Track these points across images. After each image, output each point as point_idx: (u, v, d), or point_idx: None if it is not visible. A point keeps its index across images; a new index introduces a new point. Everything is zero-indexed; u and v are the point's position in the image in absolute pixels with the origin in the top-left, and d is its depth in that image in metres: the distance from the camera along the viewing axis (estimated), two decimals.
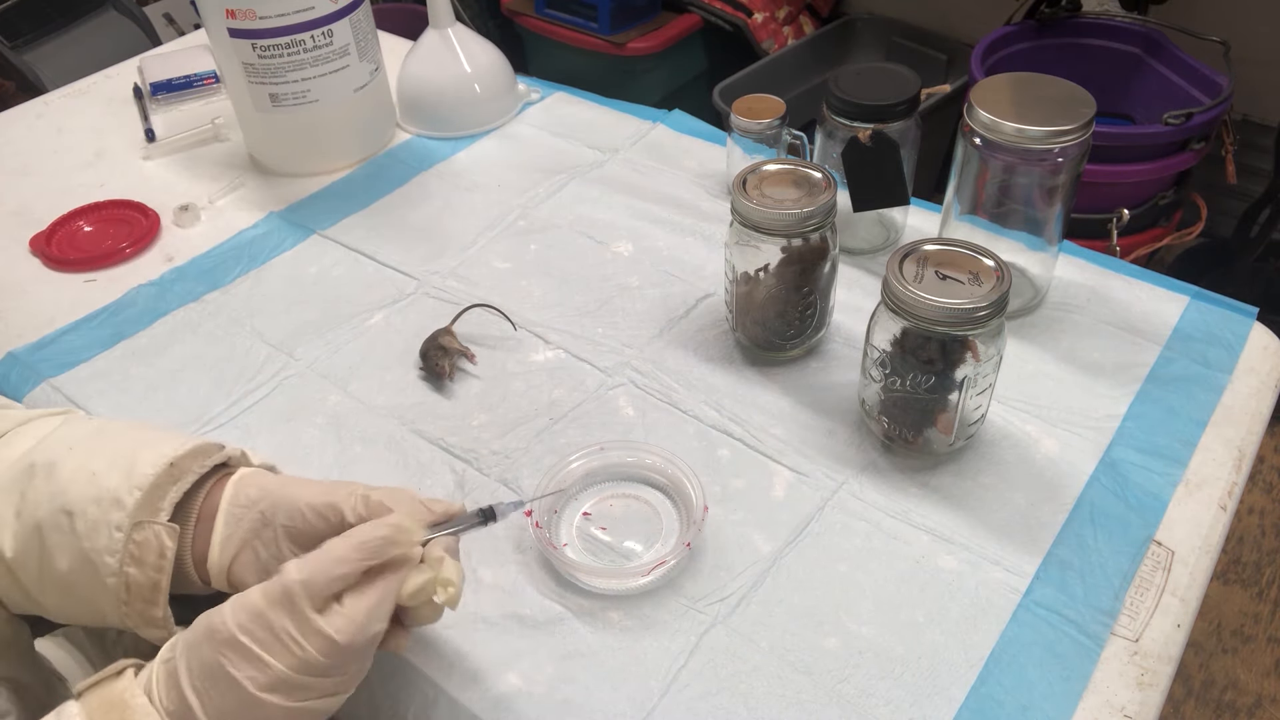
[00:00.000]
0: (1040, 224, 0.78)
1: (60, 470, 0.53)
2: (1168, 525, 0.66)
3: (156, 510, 0.52)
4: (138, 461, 0.53)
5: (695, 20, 2.07)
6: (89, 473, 0.52)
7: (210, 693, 0.45)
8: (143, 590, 0.51)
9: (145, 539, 0.51)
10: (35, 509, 0.52)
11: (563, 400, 0.77)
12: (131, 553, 0.51)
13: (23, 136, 1.16)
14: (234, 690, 0.45)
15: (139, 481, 0.52)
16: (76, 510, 0.51)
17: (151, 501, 0.52)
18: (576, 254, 0.92)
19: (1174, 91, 1.68)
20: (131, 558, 0.51)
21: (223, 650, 0.45)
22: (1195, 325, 0.80)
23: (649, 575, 0.63)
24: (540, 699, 0.58)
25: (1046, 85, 0.76)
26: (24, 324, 0.88)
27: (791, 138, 0.93)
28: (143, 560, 0.51)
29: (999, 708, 0.56)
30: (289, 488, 0.54)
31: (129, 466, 0.52)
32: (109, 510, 0.51)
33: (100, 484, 0.52)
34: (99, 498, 0.51)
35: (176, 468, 0.53)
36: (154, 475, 0.52)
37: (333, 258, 0.94)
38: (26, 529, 0.52)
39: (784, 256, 0.72)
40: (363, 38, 1.00)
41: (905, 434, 0.69)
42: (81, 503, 0.52)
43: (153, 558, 0.51)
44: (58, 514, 0.52)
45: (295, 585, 0.46)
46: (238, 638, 0.45)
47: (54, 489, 0.52)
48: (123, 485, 0.52)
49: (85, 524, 0.51)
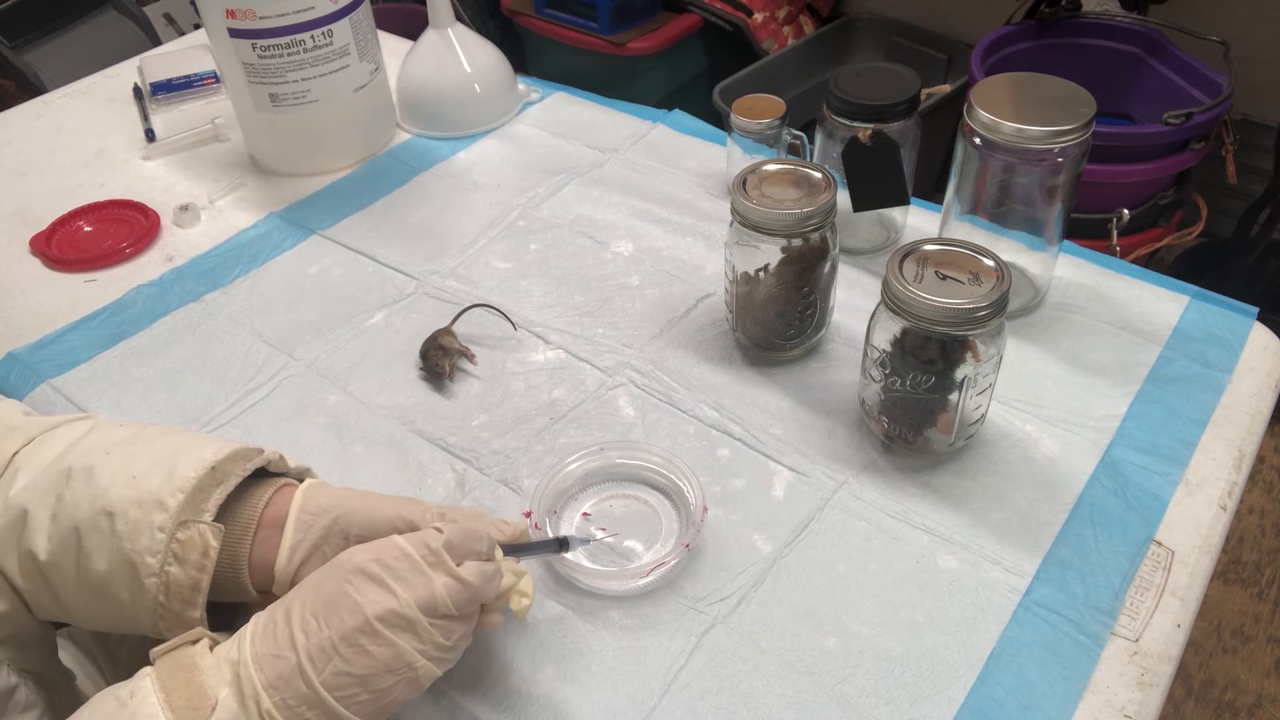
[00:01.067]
0: (1040, 224, 0.78)
1: (99, 473, 0.53)
2: (1168, 525, 0.66)
3: (200, 511, 0.53)
4: (178, 465, 0.53)
5: (695, 20, 2.07)
6: (129, 475, 0.53)
7: (323, 625, 0.47)
8: (183, 590, 0.52)
9: (189, 538, 0.52)
10: (74, 511, 0.53)
11: (563, 400, 0.77)
12: (174, 552, 0.52)
13: (23, 136, 1.16)
14: (351, 617, 0.47)
15: (181, 484, 0.53)
16: (118, 511, 0.52)
17: (195, 503, 0.53)
18: (576, 254, 0.92)
19: (1174, 91, 1.68)
20: (174, 557, 0.52)
21: (350, 578, 0.48)
22: (1195, 325, 0.80)
23: (649, 575, 0.63)
24: (540, 699, 0.58)
25: (1046, 85, 0.76)
26: (24, 324, 0.88)
27: (791, 138, 0.93)
28: (185, 559, 0.52)
29: (999, 708, 0.56)
30: (363, 500, 0.56)
31: (169, 469, 0.53)
32: (151, 511, 0.52)
33: (141, 486, 0.53)
34: (140, 500, 0.52)
35: (218, 471, 0.54)
36: (196, 478, 0.53)
37: (333, 258, 0.94)
38: (63, 531, 0.53)
39: (784, 256, 0.72)
40: (363, 38, 1.00)
41: (905, 434, 0.69)
42: (123, 504, 0.52)
43: (195, 556, 0.52)
44: (98, 515, 0.52)
45: (435, 535, 0.50)
46: (369, 566, 0.48)
47: (94, 491, 0.53)
48: (165, 487, 0.52)
49: (126, 525, 0.52)
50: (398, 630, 0.47)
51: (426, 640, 0.48)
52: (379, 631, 0.47)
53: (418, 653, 0.48)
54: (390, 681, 0.48)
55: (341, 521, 0.55)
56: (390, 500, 0.56)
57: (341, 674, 0.46)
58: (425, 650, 0.48)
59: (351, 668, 0.46)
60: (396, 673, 0.48)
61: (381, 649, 0.47)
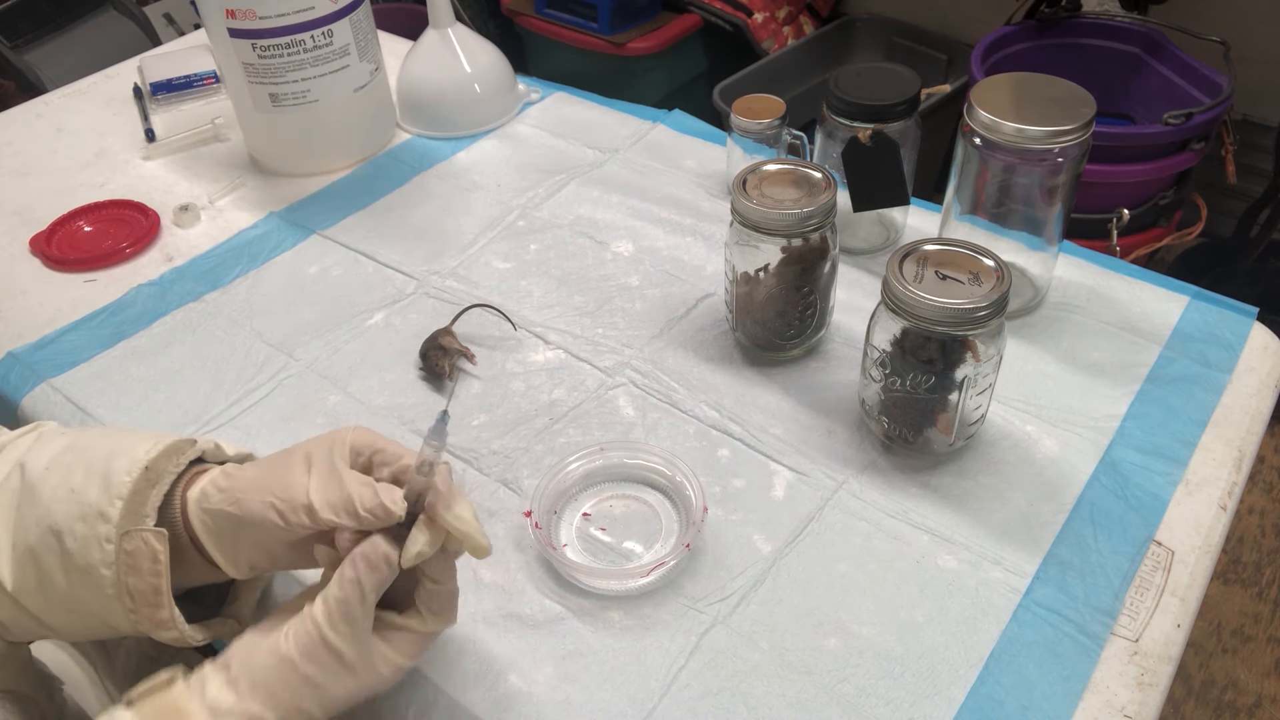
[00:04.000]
0: (1040, 224, 0.78)
1: (40, 491, 0.52)
2: (1168, 525, 0.66)
3: (141, 517, 0.51)
4: (113, 470, 0.52)
5: (695, 20, 2.07)
6: (67, 489, 0.52)
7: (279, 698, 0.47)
8: (145, 596, 0.51)
9: (136, 547, 0.51)
10: (25, 535, 0.52)
11: (562, 400, 0.77)
12: (125, 562, 0.51)
13: (23, 136, 1.16)
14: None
15: (118, 491, 0.51)
16: (64, 529, 0.51)
17: (134, 509, 0.51)
18: (576, 254, 0.92)
19: (1174, 91, 1.68)
20: (127, 567, 0.51)
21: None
22: (1195, 325, 0.80)
23: (649, 576, 0.63)
24: (540, 699, 0.58)
25: (1046, 85, 0.76)
26: (24, 324, 0.88)
27: (791, 138, 0.93)
28: (138, 568, 0.51)
29: (999, 708, 0.56)
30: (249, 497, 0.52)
31: (105, 476, 0.52)
32: (94, 524, 0.51)
33: (81, 499, 0.51)
34: (83, 513, 0.51)
35: (152, 471, 0.52)
36: (131, 482, 0.51)
37: (333, 258, 0.94)
38: (20, 556, 0.52)
39: (784, 256, 0.72)
40: (363, 38, 1.00)
41: (905, 434, 0.69)
42: (67, 520, 0.51)
43: (147, 564, 0.51)
44: (46, 535, 0.51)
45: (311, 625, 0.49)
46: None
47: (38, 512, 0.52)
48: (103, 497, 0.51)
49: (75, 541, 0.51)
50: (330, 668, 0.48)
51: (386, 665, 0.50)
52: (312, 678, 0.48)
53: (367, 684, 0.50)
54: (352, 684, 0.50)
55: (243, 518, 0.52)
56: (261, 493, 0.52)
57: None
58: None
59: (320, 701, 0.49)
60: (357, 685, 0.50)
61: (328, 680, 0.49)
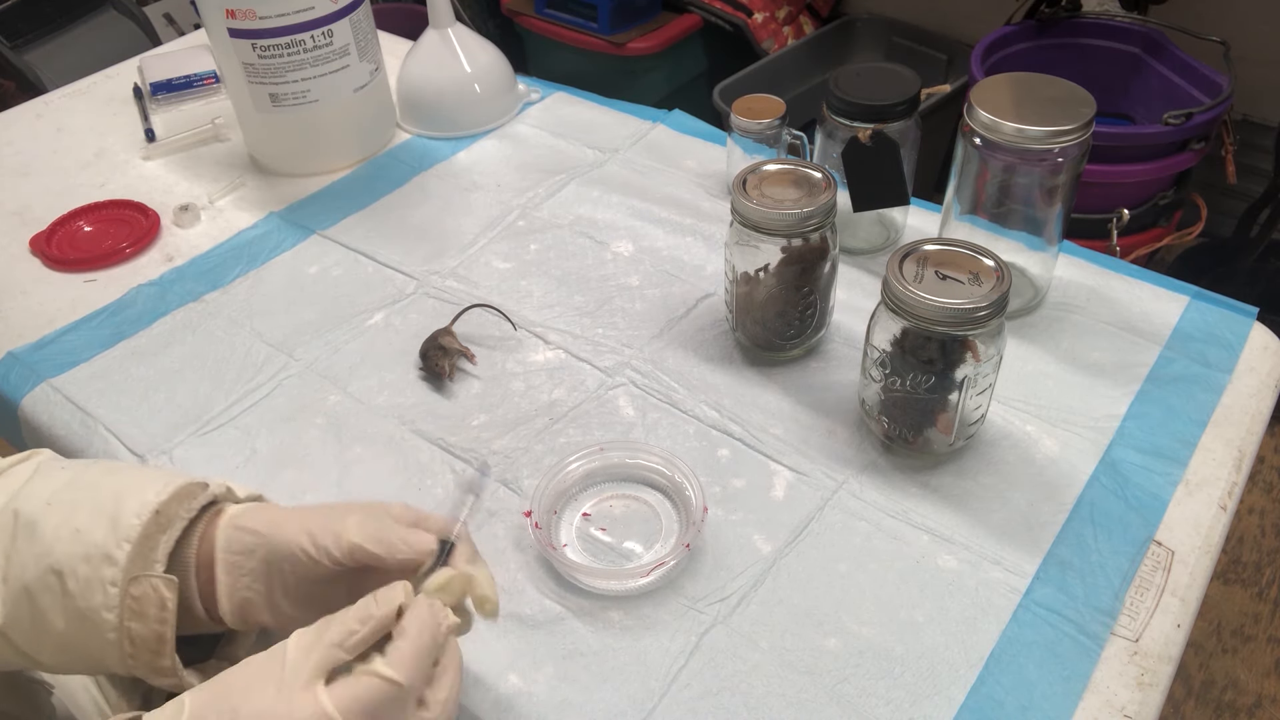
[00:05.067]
0: (1040, 224, 0.78)
1: (41, 528, 0.51)
2: (1168, 525, 0.66)
3: (150, 562, 0.50)
4: (121, 512, 0.51)
5: (695, 20, 2.07)
6: (72, 529, 0.50)
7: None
8: (148, 642, 0.50)
9: (143, 593, 0.50)
10: (22, 571, 0.51)
11: (563, 400, 0.77)
12: (130, 607, 0.49)
13: (23, 136, 1.16)
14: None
15: (126, 534, 0.50)
16: (66, 569, 0.50)
17: (143, 554, 0.50)
18: (576, 254, 0.92)
19: (1174, 91, 1.68)
20: (131, 612, 0.49)
21: None
22: (1195, 325, 0.80)
23: (649, 576, 0.63)
24: (540, 699, 0.58)
25: (1046, 85, 0.76)
26: (24, 324, 0.88)
27: (791, 138, 0.93)
28: (143, 614, 0.50)
29: (999, 708, 0.56)
30: (281, 531, 0.52)
31: (113, 518, 0.51)
32: (100, 567, 0.49)
33: (86, 540, 0.50)
34: (88, 555, 0.50)
35: (163, 515, 0.51)
36: (141, 526, 0.50)
37: (333, 258, 0.94)
38: (14, 592, 0.51)
39: (784, 256, 0.72)
40: (363, 38, 1.00)
41: (905, 434, 0.69)
42: (70, 561, 0.50)
43: (154, 610, 0.50)
44: (46, 574, 0.50)
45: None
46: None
47: (38, 550, 0.50)
48: (110, 539, 0.50)
49: (77, 583, 0.49)
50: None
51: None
52: None
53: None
54: None
55: (271, 560, 0.52)
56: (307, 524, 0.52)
57: None
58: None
59: None
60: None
61: None
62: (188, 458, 0.74)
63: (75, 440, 0.77)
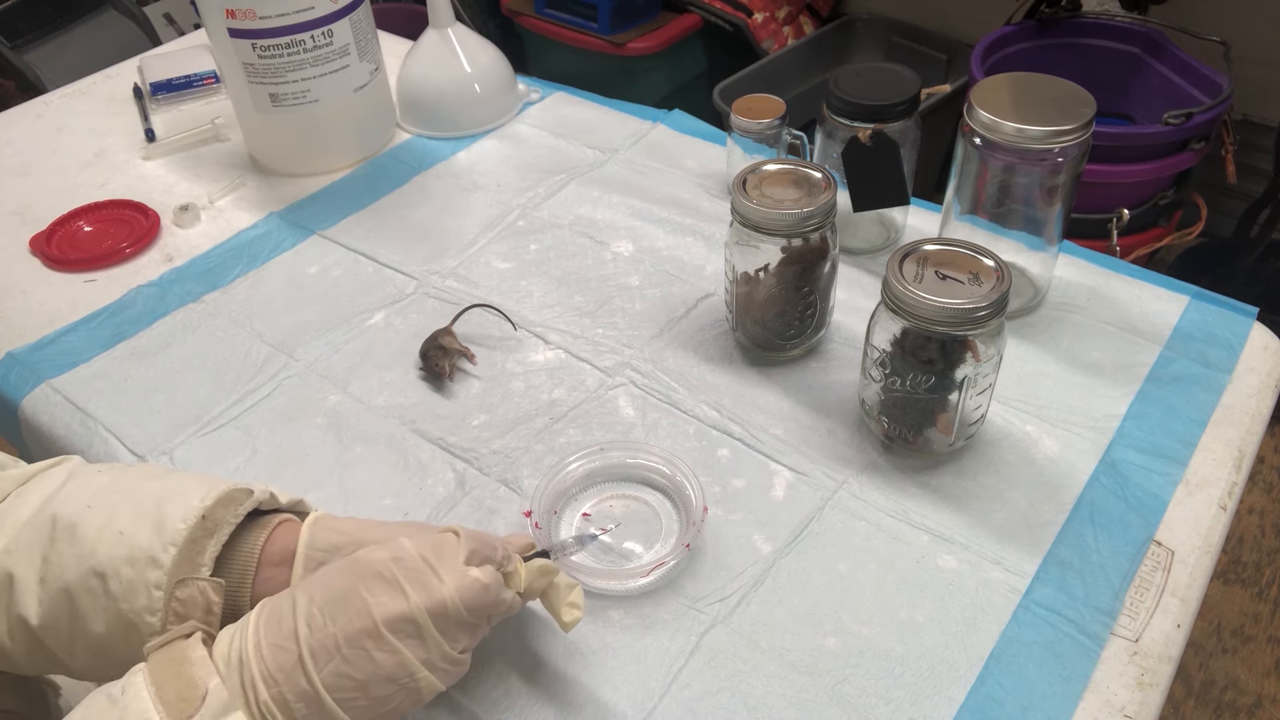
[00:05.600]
0: (1040, 224, 0.78)
1: (83, 530, 0.51)
2: (1168, 525, 0.66)
3: (196, 566, 0.51)
4: (166, 515, 0.51)
5: (695, 20, 2.07)
6: (115, 531, 0.51)
7: (329, 623, 0.46)
8: None
9: (190, 596, 0.50)
10: (62, 572, 0.51)
11: (563, 400, 0.77)
12: (175, 610, 0.50)
13: (23, 136, 1.16)
14: (359, 618, 0.46)
15: (172, 537, 0.50)
16: (109, 571, 0.50)
17: (190, 557, 0.51)
18: (576, 254, 0.92)
19: (1174, 91, 1.68)
20: (176, 615, 0.50)
21: (364, 577, 0.47)
22: (1195, 325, 0.80)
23: (649, 575, 0.63)
24: (540, 699, 0.58)
25: (1046, 85, 0.76)
26: (24, 324, 0.88)
27: (791, 138, 0.93)
28: (188, 617, 0.50)
29: (999, 708, 0.56)
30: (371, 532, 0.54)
31: (157, 521, 0.51)
32: (145, 570, 0.50)
33: (130, 543, 0.50)
34: (132, 557, 0.50)
35: (209, 520, 0.52)
36: (187, 530, 0.51)
37: (333, 258, 0.94)
38: (53, 594, 0.51)
39: (784, 256, 0.72)
40: (363, 38, 1.00)
41: (905, 434, 0.69)
42: (113, 563, 0.50)
43: (199, 614, 0.50)
44: (88, 576, 0.50)
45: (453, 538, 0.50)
46: (387, 567, 0.47)
47: (80, 551, 0.51)
48: (155, 542, 0.50)
49: (120, 585, 0.50)
50: (404, 637, 0.46)
51: (433, 649, 0.47)
52: (385, 637, 0.46)
53: (421, 663, 0.47)
54: (390, 690, 0.47)
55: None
56: (398, 527, 0.54)
57: (342, 675, 0.45)
58: (430, 660, 0.47)
59: (353, 670, 0.46)
60: (398, 681, 0.47)
61: (386, 655, 0.46)
62: (188, 458, 0.74)
63: (75, 441, 0.77)
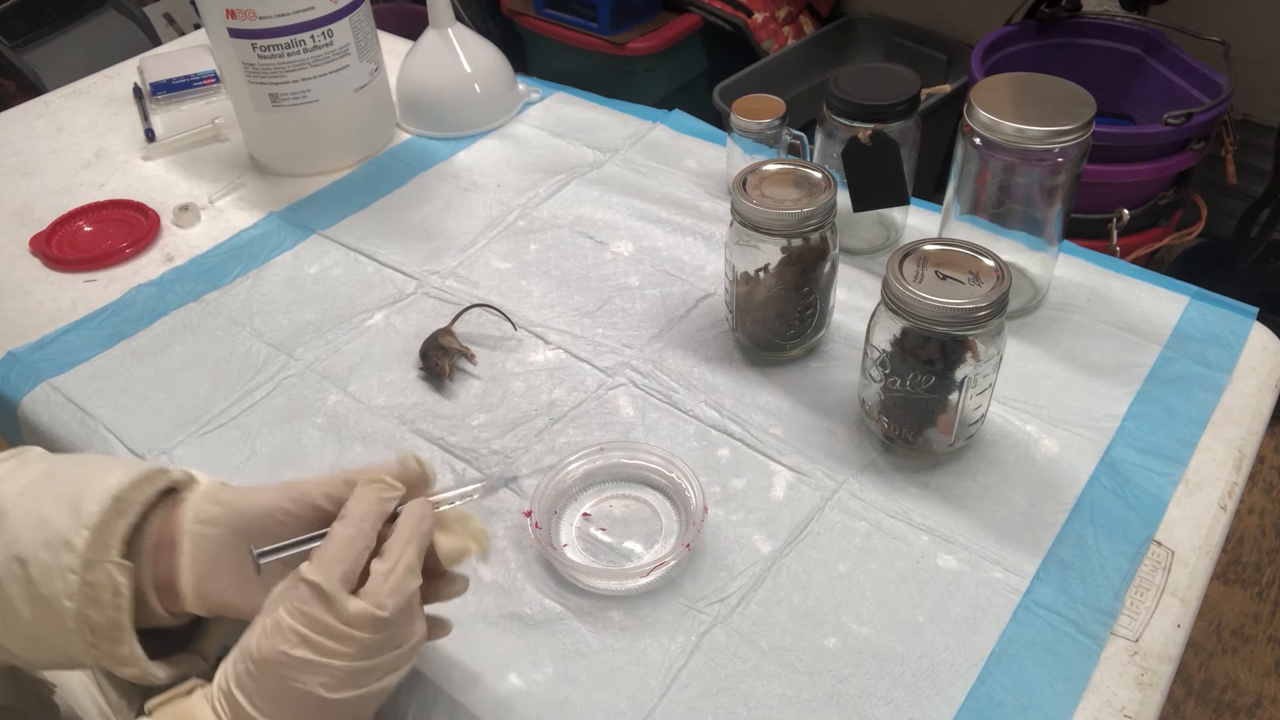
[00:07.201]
0: (1040, 224, 0.78)
1: (10, 517, 0.51)
2: (1168, 525, 0.66)
3: (107, 548, 0.50)
4: (83, 499, 0.50)
5: (695, 20, 2.07)
6: (37, 517, 0.50)
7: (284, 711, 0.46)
8: (105, 630, 0.50)
9: (98, 579, 0.49)
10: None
11: (562, 400, 0.77)
12: (87, 594, 0.49)
13: (23, 136, 1.16)
14: (307, 700, 0.46)
15: (86, 520, 0.50)
16: (29, 557, 0.50)
17: (101, 539, 0.50)
18: (576, 254, 0.92)
19: (1174, 91, 1.68)
20: (88, 599, 0.49)
21: (283, 672, 0.46)
22: (1195, 325, 0.80)
23: (649, 576, 0.63)
24: (540, 699, 0.58)
25: (1046, 85, 0.76)
26: (24, 324, 0.88)
27: (791, 138, 0.93)
28: (99, 600, 0.49)
29: (999, 708, 0.56)
30: (251, 497, 0.53)
31: (75, 505, 0.50)
32: (60, 554, 0.49)
33: (49, 527, 0.50)
34: (49, 542, 0.50)
35: (122, 500, 0.51)
36: (100, 512, 0.50)
37: (333, 258, 0.94)
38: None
39: (784, 256, 0.72)
40: (363, 38, 1.00)
41: (905, 434, 0.69)
42: (33, 549, 0.50)
43: (108, 596, 0.49)
44: (11, 563, 0.50)
45: (320, 584, 0.46)
46: (292, 654, 0.46)
47: (6, 538, 0.50)
48: (70, 526, 0.50)
49: (39, 570, 0.49)
50: (353, 686, 0.47)
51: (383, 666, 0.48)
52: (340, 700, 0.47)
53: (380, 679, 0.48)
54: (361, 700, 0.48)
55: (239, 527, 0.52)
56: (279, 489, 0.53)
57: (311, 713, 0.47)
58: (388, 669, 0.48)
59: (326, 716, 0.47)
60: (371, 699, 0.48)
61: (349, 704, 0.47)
62: (188, 458, 0.74)
63: (75, 440, 0.77)
